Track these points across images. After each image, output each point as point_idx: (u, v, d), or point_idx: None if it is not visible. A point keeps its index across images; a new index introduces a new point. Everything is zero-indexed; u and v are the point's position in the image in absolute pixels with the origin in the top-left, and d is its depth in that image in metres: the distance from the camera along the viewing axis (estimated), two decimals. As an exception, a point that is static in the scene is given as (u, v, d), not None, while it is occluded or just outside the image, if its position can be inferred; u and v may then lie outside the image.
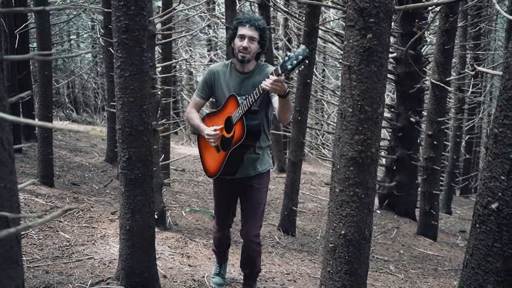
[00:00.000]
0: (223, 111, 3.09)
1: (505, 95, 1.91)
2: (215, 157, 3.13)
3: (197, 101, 3.28)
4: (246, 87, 3.06)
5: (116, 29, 2.92)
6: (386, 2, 2.32)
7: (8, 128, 1.27)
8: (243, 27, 2.98)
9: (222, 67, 3.17)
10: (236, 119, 2.95)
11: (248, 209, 3.22)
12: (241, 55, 3.00)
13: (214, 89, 3.18)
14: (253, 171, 3.17)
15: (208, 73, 3.21)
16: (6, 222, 1.25)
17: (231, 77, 3.12)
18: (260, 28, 2.99)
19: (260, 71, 3.08)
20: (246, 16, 3.05)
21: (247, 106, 2.86)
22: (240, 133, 2.91)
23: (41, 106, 5.52)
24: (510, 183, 1.91)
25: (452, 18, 5.89)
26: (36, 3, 5.33)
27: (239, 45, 2.99)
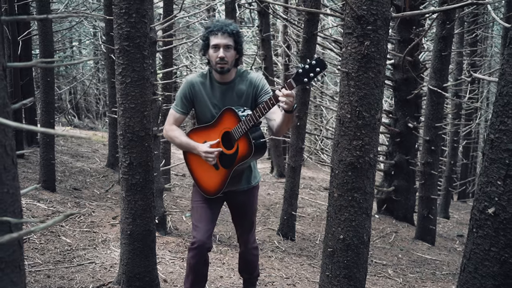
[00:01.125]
0: (218, 125, 2.79)
1: (501, 101, 1.92)
2: (214, 175, 2.83)
3: (177, 117, 2.89)
4: (230, 98, 2.80)
5: (117, 36, 2.93)
6: (383, 10, 2.33)
7: (11, 134, 1.27)
8: (215, 36, 2.71)
9: (201, 78, 2.86)
10: (239, 135, 2.68)
11: (244, 225, 3.04)
12: (219, 67, 2.72)
13: (194, 103, 2.86)
14: (246, 185, 2.94)
15: (186, 85, 2.85)
16: (8, 227, 1.25)
17: (212, 89, 2.82)
18: (234, 34, 2.73)
19: (242, 79, 2.84)
20: (216, 24, 2.74)
21: (252, 121, 2.62)
22: (247, 149, 2.68)
23: (43, 112, 5.53)
24: (506, 188, 1.91)
25: (449, 25, 5.91)
26: (39, 11, 5.35)
27: (214, 56, 2.71)
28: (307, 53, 5.16)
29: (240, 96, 2.80)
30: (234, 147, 2.74)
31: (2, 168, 1.25)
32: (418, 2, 7.08)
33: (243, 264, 3.21)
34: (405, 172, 7.43)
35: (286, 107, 2.49)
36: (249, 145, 2.67)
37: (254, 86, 2.81)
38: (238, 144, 2.72)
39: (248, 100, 2.81)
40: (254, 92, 2.81)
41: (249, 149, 2.67)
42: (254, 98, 2.82)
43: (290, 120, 2.64)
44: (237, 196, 2.95)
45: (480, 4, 2.34)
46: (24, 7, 7.29)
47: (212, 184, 2.85)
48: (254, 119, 2.61)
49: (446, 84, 6.24)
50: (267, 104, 2.56)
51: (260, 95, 2.80)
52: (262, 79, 2.86)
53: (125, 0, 2.86)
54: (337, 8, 8.35)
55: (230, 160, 2.75)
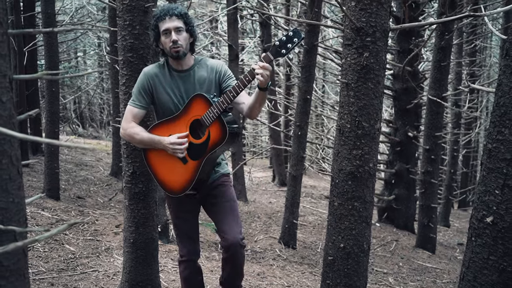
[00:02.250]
0: (184, 115, 2.55)
1: (498, 112, 1.93)
2: (181, 170, 2.56)
3: (135, 112, 2.62)
4: (191, 85, 2.60)
5: (121, 47, 2.96)
6: (382, 22, 2.35)
7: (17, 145, 1.29)
8: (163, 21, 2.52)
9: (158, 68, 2.64)
10: (210, 121, 2.46)
11: (224, 210, 2.64)
12: (174, 51, 2.51)
13: (155, 95, 2.62)
14: (214, 174, 2.70)
15: (144, 77, 2.62)
16: (13, 236, 1.26)
17: (171, 78, 2.61)
18: (182, 15, 2.55)
19: (201, 65, 2.65)
20: (162, 9, 2.56)
21: (226, 103, 2.42)
22: (220, 134, 2.45)
23: (48, 121, 5.56)
24: (504, 197, 1.92)
25: (448, 36, 5.93)
26: (45, 23, 5.39)
27: (167, 42, 2.51)
28: (308, 63, 5.19)
29: (202, 83, 2.60)
30: (205, 135, 2.51)
31: (8, 178, 1.26)
32: (417, 13, 7.12)
33: (233, 271, 2.70)
34: (405, 181, 7.43)
35: (262, 80, 2.32)
36: (223, 129, 2.45)
37: (216, 71, 2.63)
38: (209, 131, 2.49)
39: (211, 87, 2.61)
40: (217, 78, 2.63)
41: (223, 134, 2.45)
42: (217, 84, 2.63)
43: (264, 99, 2.47)
44: (209, 188, 2.68)
45: (477, 16, 2.35)
46: (30, 19, 7.35)
47: (179, 181, 2.58)
48: (228, 101, 2.42)
49: (445, 94, 6.26)
50: (242, 82, 2.38)
51: (224, 80, 2.63)
52: (224, 64, 2.69)
53: (129, 12, 2.90)
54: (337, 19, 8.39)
55: (200, 149, 2.52)
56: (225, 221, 2.60)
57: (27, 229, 1.22)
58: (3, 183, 1.25)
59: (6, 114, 1.24)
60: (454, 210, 11.34)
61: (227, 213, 2.62)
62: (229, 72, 2.67)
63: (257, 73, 2.31)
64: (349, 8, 2.40)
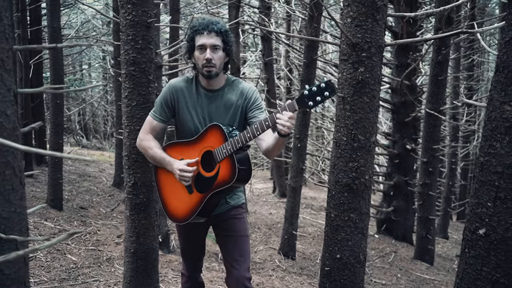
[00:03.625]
0: (199, 142, 2.39)
1: (490, 126, 1.95)
2: (185, 199, 2.42)
3: (155, 125, 2.49)
4: (217, 108, 2.42)
5: (124, 61, 3.00)
6: (377, 38, 2.39)
7: (20, 157, 1.31)
8: (201, 35, 2.33)
9: (185, 83, 2.47)
10: (221, 157, 2.28)
11: (233, 246, 2.46)
12: (206, 70, 2.33)
13: (176, 111, 2.46)
14: (225, 207, 2.52)
15: (168, 90, 2.46)
16: (15, 245, 1.28)
17: (198, 96, 2.43)
18: (222, 32, 2.35)
19: (232, 88, 2.45)
20: (202, 22, 2.36)
21: (241, 143, 2.23)
22: (229, 174, 2.26)
23: (53, 133, 5.59)
24: (496, 209, 1.93)
25: (444, 50, 5.98)
26: (51, 37, 5.46)
27: (201, 58, 2.34)
28: (307, 77, 5.23)
29: (229, 107, 2.42)
30: (215, 170, 2.33)
31: (10, 189, 1.29)
32: (415, 29, 7.18)
33: None
34: (404, 193, 7.43)
35: (284, 132, 2.12)
36: (232, 169, 2.25)
37: (245, 98, 2.43)
38: (219, 167, 2.31)
39: (236, 113, 2.43)
40: (244, 105, 2.44)
41: (232, 174, 2.25)
42: (243, 112, 2.44)
43: (283, 144, 2.27)
44: (220, 219, 2.52)
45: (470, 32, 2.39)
46: (36, 33, 7.43)
47: (180, 209, 2.44)
48: (244, 141, 2.22)
49: (442, 107, 6.29)
50: (261, 126, 2.19)
51: (251, 109, 2.42)
52: (255, 91, 2.47)
53: (132, 27, 2.94)
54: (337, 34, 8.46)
55: (207, 184, 2.34)
56: (233, 257, 2.43)
57: (28, 239, 1.24)
58: (6, 193, 1.27)
59: (10, 126, 1.27)
60: (452, 222, 11.30)
61: (236, 249, 2.45)
62: (259, 101, 2.45)
63: (279, 123, 2.10)
64: (345, 24, 2.44)
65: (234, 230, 2.47)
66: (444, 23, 5.70)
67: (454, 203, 11.56)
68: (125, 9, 2.93)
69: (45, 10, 6.69)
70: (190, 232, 2.59)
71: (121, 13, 2.96)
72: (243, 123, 2.45)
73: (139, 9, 2.93)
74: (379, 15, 2.37)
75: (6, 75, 1.24)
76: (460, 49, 9.18)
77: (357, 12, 2.37)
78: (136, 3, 2.92)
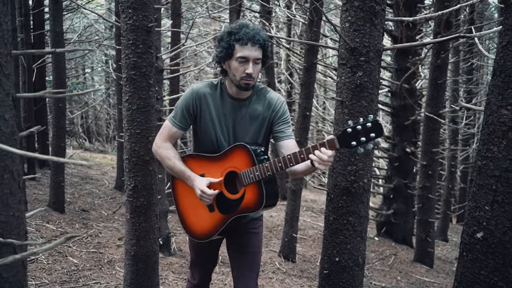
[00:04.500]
0: (223, 160, 2.22)
1: (487, 130, 1.95)
2: (205, 217, 2.26)
3: (173, 132, 2.30)
4: (242, 118, 2.24)
5: (125, 65, 3.00)
6: (376, 43, 2.38)
7: (18, 161, 1.31)
8: (244, 46, 2.10)
9: (210, 89, 2.26)
10: (248, 181, 2.13)
11: (244, 259, 2.37)
12: (244, 83, 2.14)
13: (198, 119, 2.27)
14: (245, 218, 2.34)
15: (191, 96, 2.25)
16: (13, 249, 1.28)
17: (222, 104, 2.24)
18: (265, 45, 2.15)
19: (259, 98, 2.26)
20: (246, 32, 2.11)
21: (270, 172, 2.07)
22: (256, 200, 2.12)
23: (55, 136, 5.60)
24: (494, 213, 1.92)
25: (443, 54, 5.98)
26: (53, 42, 5.47)
27: (241, 70, 2.12)
28: (307, 81, 5.23)
29: (255, 118, 2.24)
30: (239, 193, 2.17)
31: (9, 193, 1.28)
32: (414, 33, 7.18)
33: None
34: (403, 195, 7.41)
35: (322, 169, 1.99)
36: (260, 196, 2.10)
37: (273, 110, 2.25)
38: (245, 190, 2.15)
39: (263, 125, 2.26)
40: (272, 117, 2.26)
41: (259, 202, 2.11)
42: (269, 124, 2.27)
43: (312, 172, 2.15)
44: (236, 231, 2.37)
45: (468, 37, 2.39)
46: (40, 37, 7.45)
47: (200, 226, 2.29)
48: (274, 170, 2.07)
49: (441, 111, 6.28)
50: (296, 159, 2.02)
51: (278, 123, 2.26)
52: (283, 103, 2.28)
53: (133, 32, 2.94)
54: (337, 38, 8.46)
55: (231, 206, 2.19)
56: (243, 272, 2.35)
57: (26, 242, 1.24)
58: (4, 197, 1.27)
59: (9, 131, 1.27)
60: (452, 224, 11.27)
61: (248, 265, 2.36)
62: (287, 114, 2.28)
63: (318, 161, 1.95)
64: (344, 29, 2.44)
65: (249, 246, 2.35)
66: (443, 27, 5.70)
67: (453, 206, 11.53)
68: (125, 14, 2.94)
69: (48, 15, 6.71)
70: (204, 246, 2.41)
71: (122, 18, 2.97)
72: (268, 136, 2.30)
73: (140, 14, 2.94)
74: (377, 19, 2.37)
75: (4, 79, 1.24)
76: (459, 53, 9.18)
77: (355, 16, 2.37)
78: (136, 8, 2.92)
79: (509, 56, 1.87)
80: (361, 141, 1.88)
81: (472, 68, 11.13)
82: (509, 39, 1.87)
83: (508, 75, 1.86)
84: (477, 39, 2.48)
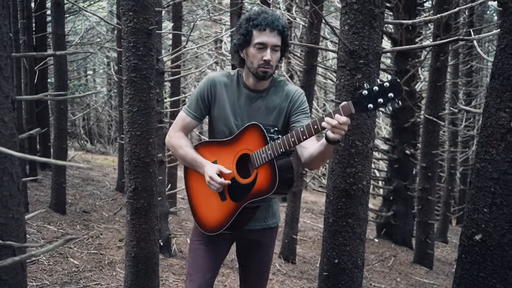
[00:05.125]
0: (235, 143, 2.08)
1: (485, 132, 1.94)
2: (217, 206, 2.11)
3: (188, 121, 2.19)
4: (258, 110, 2.12)
5: (125, 68, 3.00)
6: (375, 45, 2.38)
7: (17, 163, 1.31)
8: (262, 32, 1.99)
9: (226, 79, 2.16)
10: (260, 162, 1.97)
11: (254, 271, 2.28)
12: (261, 71, 2.03)
13: (212, 107, 2.17)
14: (260, 224, 2.20)
15: (207, 84, 2.15)
16: (12, 251, 1.28)
17: (239, 96, 2.13)
18: (284, 31, 2.04)
19: (277, 90, 2.15)
20: (264, 16, 2.01)
21: (283, 149, 1.91)
22: (268, 182, 1.95)
23: (56, 137, 5.60)
24: (492, 215, 1.92)
25: (443, 57, 5.97)
26: (55, 44, 5.47)
27: (259, 57, 2.01)
28: (308, 82, 5.23)
29: (271, 110, 2.12)
30: (251, 176, 2.01)
31: (8, 195, 1.28)
32: (414, 35, 7.18)
33: None
34: (403, 197, 7.40)
35: (334, 138, 1.79)
36: (273, 177, 1.94)
37: (291, 100, 2.13)
38: (257, 173, 1.99)
39: (280, 117, 2.13)
40: (289, 108, 2.13)
41: (271, 183, 1.94)
42: (287, 115, 2.14)
43: (330, 153, 1.96)
44: (247, 235, 2.22)
45: (466, 40, 2.38)
46: (42, 39, 7.46)
47: (212, 217, 2.13)
48: (287, 146, 1.90)
49: (441, 113, 6.27)
50: (309, 130, 1.85)
51: (295, 113, 2.12)
52: (302, 94, 2.17)
53: (133, 34, 2.94)
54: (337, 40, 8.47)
55: (243, 191, 2.03)
56: (252, 281, 2.29)
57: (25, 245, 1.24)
58: (3, 199, 1.27)
59: (8, 133, 1.26)
60: (452, 226, 11.25)
61: (256, 276, 2.28)
62: (306, 105, 2.14)
63: (330, 128, 1.77)
64: (343, 32, 2.44)
65: (260, 258, 2.26)
66: (443, 30, 5.70)
67: (453, 208, 11.51)
68: (126, 17, 2.94)
69: (50, 17, 6.72)
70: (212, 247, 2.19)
71: (123, 20, 2.97)
72: (285, 128, 2.15)
73: (141, 17, 2.93)
74: (376, 22, 2.37)
75: (4, 82, 1.24)
76: (459, 55, 9.17)
77: (354, 19, 2.37)
78: (137, 10, 2.92)
79: (507, 59, 1.86)
80: (378, 103, 1.72)
81: (472, 71, 11.12)
82: (507, 42, 1.87)
83: (506, 78, 1.86)
84: (476, 42, 2.48)
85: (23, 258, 1.16)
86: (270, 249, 2.28)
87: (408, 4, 6.93)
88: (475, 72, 11.96)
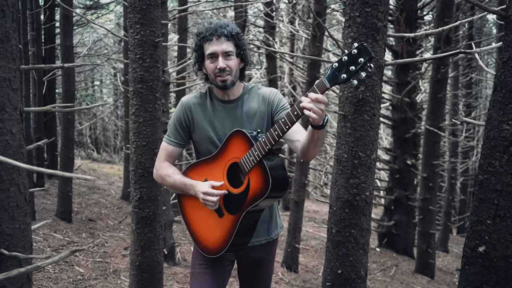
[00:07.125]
0: (222, 155, 2.00)
1: (488, 144, 1.92)
2: (216, 225, 2.00)
3: (171, 150, 2.11)
4: (237, 119, 2.05)
5: (132, 79, 3.00)
6: (377, 58, 2.37)
7: (25, 174, 1.29)
8: (210, 42, 1.97)
9: (198, 99, 2.10)
10: (250, 166, 1.88)
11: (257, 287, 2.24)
12: (220, 80, 1.98)
13: (192, 131, 2.09)
14: (264, 237, 2.14)
15: (181, 109, 2.09)
16: (18, 261, 1.26)
17: (214, 111, 2.07)
18: (233, 36, 1.99)
19: (252, 95, 2.09)
20: (209, 27, 1.99)
21: (269, 144, 1.81)
22: (261, 184, 1.86)
23: (63, 146, 5.60)
24: (496, 227, 1.89)
25: (443, 69, 5.96)
26: (63, 55, 5.50)
27: (212, 68, 1.98)
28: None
29: (252, 115, 2.05)
30: (244, 184, 1.92)
31: (15, 206, 1.27)
32: (415, 48, 7.18)
33: None
34: (404, 207, 7.36)
35: (315, 118, 1.68)
36: (265, 178, 1.84)
37: (268, 102, 2.07)
38: (249, 178, 1.90)
39: (263, 121, 2.06)
40: (269, 110, 2.07)
41: (265, 184, 1.84)
42: (270, 117, 2.08)
43: (319, 138, 1.84)
44: (251, 253, 2.14)
45: (467, 53, 2.37)
46: (51, 51, 7.50)
47: (214, 237, 2.01)
48: (272, 141, 1.81)
49: (441, 124, 6.25)
50: (289, 118, 1.76)
51: (277, 112, 2.06)
52: (277, 93, 2.11)
53: (140, 46, 2.94)
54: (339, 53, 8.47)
55: (238, 201, 1.92)
56: None
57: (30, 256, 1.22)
58: (10, 210, 1.25)
59: (16, 144, 1.25)
60: (452, 236, 11.16)
61: None
62: (284, 101, 2.09)
63: (305, 107, 1.68)
64: (346, 45, 2.43)
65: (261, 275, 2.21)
66: (443, 43, 5.70)
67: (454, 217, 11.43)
68: (133, 29, 2.94)
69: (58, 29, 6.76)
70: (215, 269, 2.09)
71: (130, 33, 2.97)
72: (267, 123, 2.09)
73: (147, 29, 2.94)
74: (379, 35, 2.36)
75: (13, 94, 1.23)
76: (459, 68, 9.18)
77: (357, 32, 2.36)
78: (144, 23, 2.93)
79: (510, 72, 1.84)
80: (351, 71, 1.61)
81: (471, 82, 11.12)
82: (509, 55, 1.85)
83: (508, 91, 1.84)
84: (477, 55, 2.46)
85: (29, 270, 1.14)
86: (272, 263, 2.25)
87: (408, 17, 6.94)
88: (474, 84, 11.96)
